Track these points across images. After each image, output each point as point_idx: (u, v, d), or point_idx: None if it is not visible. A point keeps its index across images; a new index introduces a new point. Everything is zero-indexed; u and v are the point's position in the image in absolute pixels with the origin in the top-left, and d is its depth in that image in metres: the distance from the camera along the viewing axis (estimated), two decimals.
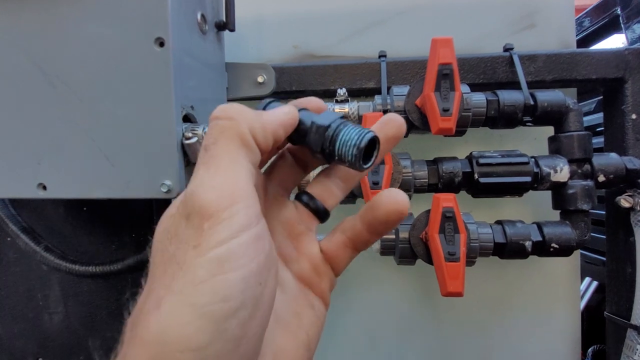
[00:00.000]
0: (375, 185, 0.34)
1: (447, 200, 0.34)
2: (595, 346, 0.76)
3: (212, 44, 0.39)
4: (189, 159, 0.32)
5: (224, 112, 0.18)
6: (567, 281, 0.47)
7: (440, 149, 0.47)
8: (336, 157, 0.19)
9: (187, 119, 0.34)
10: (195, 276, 0.15)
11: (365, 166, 0.19)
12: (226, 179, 0.17)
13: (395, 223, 0.21)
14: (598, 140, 0.52)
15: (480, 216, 0.45)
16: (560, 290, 0.47)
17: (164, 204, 0.41)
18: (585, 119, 0.87)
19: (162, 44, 0.30)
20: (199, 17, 0.36)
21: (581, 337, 0.48)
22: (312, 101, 0.22)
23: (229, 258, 0.15)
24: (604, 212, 0.46)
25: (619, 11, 0.85)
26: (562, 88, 0.44)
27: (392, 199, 0.20)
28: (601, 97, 0.47)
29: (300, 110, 0.20)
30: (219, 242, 0.15)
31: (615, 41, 0.85)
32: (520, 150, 0.41)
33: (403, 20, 0.48)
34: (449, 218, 0.33)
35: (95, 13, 0.30)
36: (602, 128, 0.49)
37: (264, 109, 0.21)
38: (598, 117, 0.72)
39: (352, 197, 0.41)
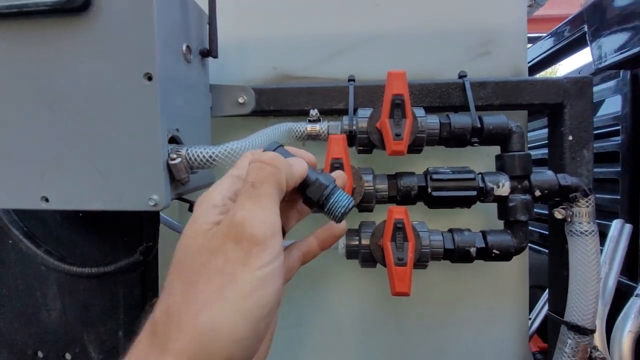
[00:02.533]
0: None
1: (398, 212, 0.39)
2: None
3: (197, 69, 0.44)
4: (173, 176, 0.37)
5: (271, 160, 0.24)
6: (516, 282, 0.52)
7: (404, 163, 0.52)
8: (325, 209, 0.27)
9: (173, 140, 0.38)
10: (245, 288, 0.20)
11: (341, 220, 0.28)
12: (270, 216, 0.22)
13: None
14: None
15: (439, 224, 0.50)
16: (510, 289, 0.52)
17: (152, 214, 0.46)
18: (542, 131, 0.93)
19: (150, 78, 0.34)
20: (184, 48, 0.41)
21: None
22: (311, 159, 0.30)
23: (269, 277, 0.21)
24: None
25: (586, 28, 0.91)
26: (514, 110, 0.50)
27: (342, 226, 0.30)
28: None
29: None
30: (264, 264, 0.21)
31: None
32: (472, 167, 0.46)
33: (372, 46, 0.53)
34: (399, 228, 0.38)
35: (90, 50, 0.35)
36: None
37: (274, 150, 0.28)
38: None
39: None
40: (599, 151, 0.90)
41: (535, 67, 1.15)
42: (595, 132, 0.94)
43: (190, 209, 0.44)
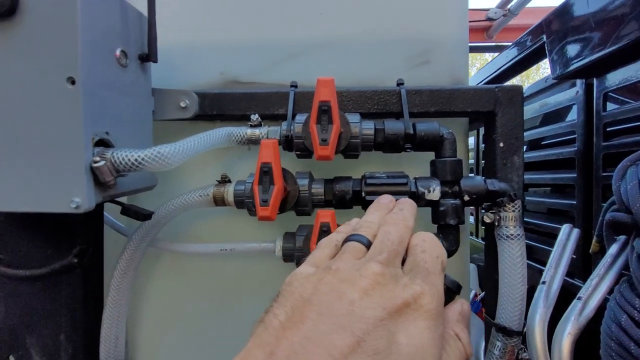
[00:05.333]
0: (265, 202, 0.40)
1: (324, 216, 0.40)
2: None
3: (135, 74, 0.45)
4: (99, 179, 0.37)
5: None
6: None
7: (350, 168, 0.53)
8: None
9: (102, 143, 0.39)
10: None
11: None
12: None
13: None
14: None
15: None
16: None
17: (96, 215, 0.46)
18: None
19: (73, 82, 0.35)
20: (118, 52, 0.41)
21: None
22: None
23: None
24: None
25: (545, 38, 0.93)
26: (451, 117, 0.51)
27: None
28: None
29: None
30: None
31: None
32: (414, 172, 0.47)
33: (318, 53, 0.54)
34: (324, 231, 0.39)
35: (16, 54, 0.35)
36: None
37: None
38: None
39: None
40: (558, 157, 0.93)
41: (503, 76, 1.18)
42: (556, 139, 0.97)
43: (123, 212, 0.44)
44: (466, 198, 0.44)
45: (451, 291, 0.29)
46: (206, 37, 0.54)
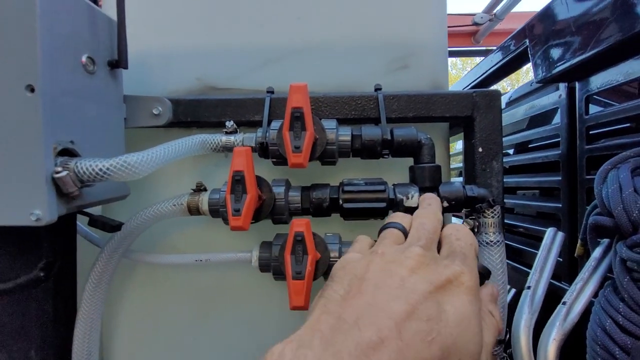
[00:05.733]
0: (237, 212, 0.39)
1: (298, 225, 0.39)
2: None
3: (104, 81, 0.43)
4: (61, 189, 0.35)
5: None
6: None
7: (329, 174, 0.52)
8: None
9: (67, 151, 0.37)
10: None
11: None
12: None
13: None
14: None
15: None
16: None
17: (65, 227, 0.44)
18: None
19: (32, 90, 0.33)
20: (84, 59, 0.40)
21: None
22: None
23: None
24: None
25: (527, 43, 0.94)
26: (430, 122, 0.51)
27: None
28: None
29: None
30: None
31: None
32: (395, 178, 0.46)
33: (296, 58, 0.53)
34: (299, 241, 0.38)
35: None
36: None
37: None
38: None
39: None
40: (544, 160, 0.93)
41: (488, 80, 1.18)
42: (542, 142, 0.97)
43: (90, 224, 0.43)
44: (445, 204, 0.43)
45: (482, 275, 0.32)
46: (181, 42, 0.53)
